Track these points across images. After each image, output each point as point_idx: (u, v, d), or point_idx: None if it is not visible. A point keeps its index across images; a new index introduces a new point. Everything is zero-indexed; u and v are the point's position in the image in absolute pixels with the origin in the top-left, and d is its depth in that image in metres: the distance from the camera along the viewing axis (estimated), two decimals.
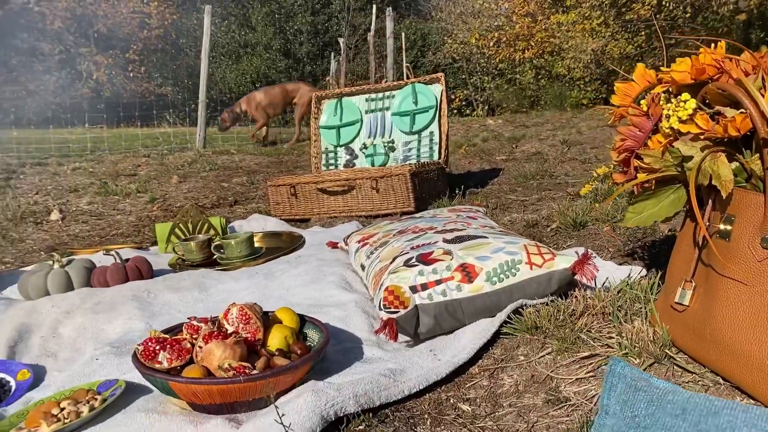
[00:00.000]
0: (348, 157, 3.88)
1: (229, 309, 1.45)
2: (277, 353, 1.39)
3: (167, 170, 5.80)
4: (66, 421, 1.28)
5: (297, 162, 6.30)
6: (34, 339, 1.87)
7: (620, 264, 1.96)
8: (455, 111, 17.23)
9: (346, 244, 2.37)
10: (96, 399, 1.36)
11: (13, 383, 1.57)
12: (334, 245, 2.51)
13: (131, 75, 18.93)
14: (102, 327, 1.88)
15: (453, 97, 17.46)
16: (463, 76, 17.61)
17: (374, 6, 9.70)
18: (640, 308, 1.47)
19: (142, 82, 18.72)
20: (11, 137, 10.02)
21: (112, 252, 2.40)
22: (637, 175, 1.36)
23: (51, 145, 8.39)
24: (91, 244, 3.19)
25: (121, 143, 8.56)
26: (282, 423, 1.06)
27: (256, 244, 2.71)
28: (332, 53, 12.60)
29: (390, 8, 8.60)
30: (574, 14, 13.64)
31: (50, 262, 2.32)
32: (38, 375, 1.63)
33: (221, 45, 18.45)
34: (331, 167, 3.91)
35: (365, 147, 3.85)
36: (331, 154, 3.92)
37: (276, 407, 1.11)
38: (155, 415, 1.28)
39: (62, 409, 1.32)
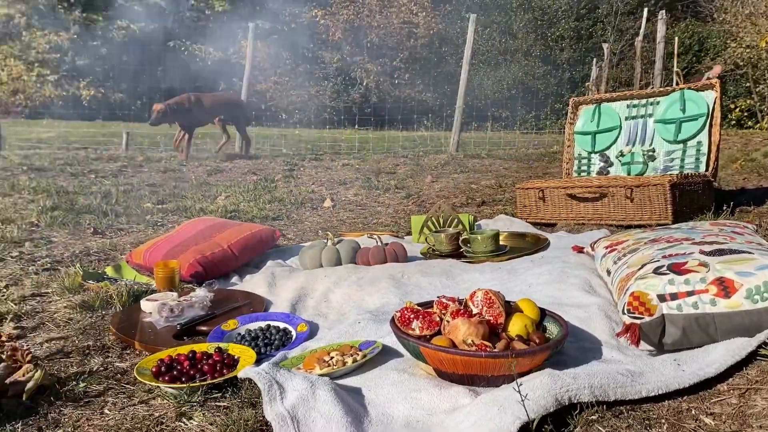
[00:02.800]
0: (602, 164, 3.78)
1: (474, 292, 1.58)
2: (516, 338, 1.47)
3: (422, 170, 6.21)
4: (334, 367, 1.52)
5: (547, 168, 6.27)
6: (309, 301, 2.21)
7: None
8: (733, 122, 15.43)
9: (593, 249, 2.35)
10: (358, 354, 1.58)
11: (293, 333, 1.89)
12: (579, 249, 2.50)
13: (396, 82, 20.40)
14: (363, 298, 2.15)
15: (732, 106, 15.65)
16: (747, 84, 15.67)
17: (645, 9, 9.15)
18: None
19: (405, 88, 20.06)
20: (295, 135, 11.53)
21: (375, 236, 2.70)
22: None
23: (326, 143, 9.47)
24: (356, 229, 3.58)
25: (383, 144, 9.33)
26: (519, 392, 1.14)
27: (501, 242, 2.81)
28: (594, 59, 12.18)
29: (663, 11, 8.05)
30: None
31: (324, 240, 2.70)
32: (313, 329, 1.93)
33: (481, 52, 18.94)
34: (583, 174, 3.85)
35: (622, 155, 3.72)
36: (584, 161, 3.86)
37: (516, 379, 1.19)
38: (405, 375, 1.46)
39: (332, 358, 1.56)
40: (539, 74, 18.74)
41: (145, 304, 2.13)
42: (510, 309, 1.59)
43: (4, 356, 1.67)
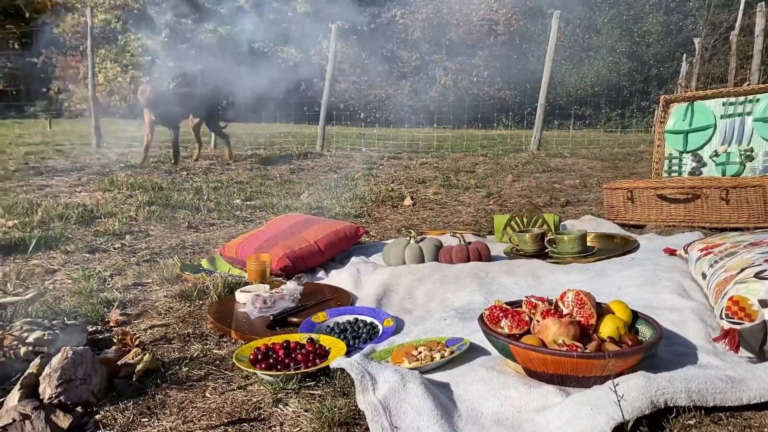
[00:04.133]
0: (694, 164, 3.63)
1: (565, 293, 1.57)
2: (608, 340, 1.46)
3: (502, 169, 6.15)
4: (423, 362, 1.55)
5: (633, 168, 6.07)
6: (394, 297, 2.25)
7: None
8: None
9: (686, 252, 2.28)
10: (445, 350, 1.60)
11: (380, 327, 1.94)
12: (671, 252, 2.43)
13: (474, 80, 20.24)
14: (447, 295, 2.17)
15: None
16: None
17: (742, 1, 8.68)
18: None
19: (484, 86, 19.88)
20: (374, 134, 11.66)
21: (458, 234, 2.72)
22: None
23: (403, 142, 9.52)
24: (436, 228, 3.61)
25: (462, 143, 9.29)
26: (616, 392, 1.14)
27: (588, 243, 2.76)
28: (684, 54, 11.67)
29: (763, 2, 7.61)
30: None
31: (407, 238, 2.73)
32: (399, 324, 1.97)
33: (563, 49, 18.50)
34: (673, 174, 3.71)
35: (716, 154, 3.56)
36: (675, 161, 3.72)
37: (612, 379, 1.19)
38: (494, 372, 1.47)
39: (419, 353, 1.59)
40: (624, 71, 18.13)
41: (240, 296, 2.23)
42: (601, 310, 1.57)
43: (115, 340, 1.80)
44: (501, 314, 1.53)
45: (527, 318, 1.53)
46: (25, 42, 19.45)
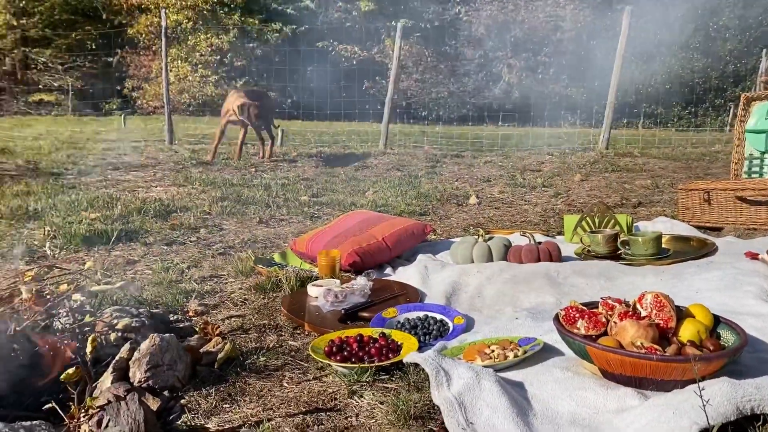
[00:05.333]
0: None
1: (643, 295, 1.54)
2: (688, 344, 1.42)
3: (569, 168, 6.04)
4: (496, 360, 1.56)
5: (708, 168, 5.85)
6: (463, 295, 2.26)
7: None
8: None
9: None
10: (518, 349, 1.60)
11: (450, 325, 1.95)
12: (753, 256, 2.34)
13: (540, 77, 19.89)
14: (517, 295, 2.16)
15: None
16: None
17: None
18: None
19: (549, 83, 19.50)
20: (436, 132, 11.64)
21: (528, 234, 2.70)
22: None
23: (467, 140, 9.46)
24: (503, 227, 3.58)
25: (527, 141, 9.16)
26: (701, 396, 1.11)
27: (663, 245, 2.69)
28: (763, 50, 11.15)
29: None
30: None
31: (475, 237, 2.73)
32: (469, 322, 1.98)
33: (633, 44, 17.95)
34: (754, 175, 3.56)
35: None
36: (756, 161, 3.57)
37: (698, 383, 1.16)
38: (569, 373, 1.46)
39: (492, 351, 1.60)
40: (698, 67, 17.43)
41: (312, 289, 2.29)
42: (681, 314, 1.54)
43: (197, 329, 1.88)
44: (577, 315, 1.52)
45: (604, 319, 1.51)
46: (101, 42, 20.35)
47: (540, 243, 2.59)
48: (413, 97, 19.78)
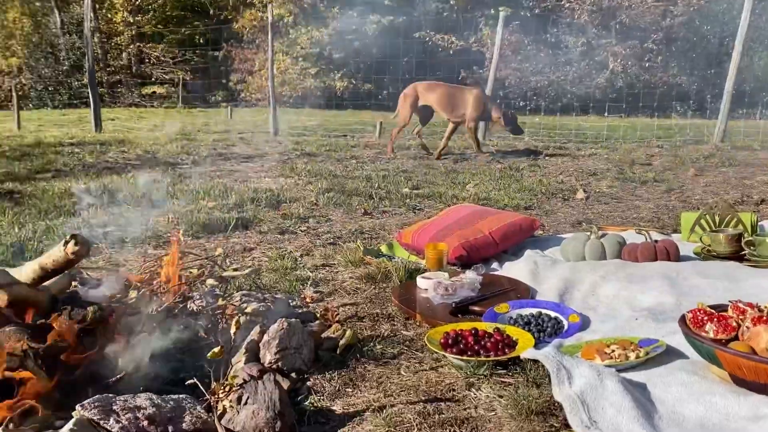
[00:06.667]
0: None
1: None
2: None
3: (682, 162, 5.76)
4: (616, 360, 1.54)
5: None
6: (576, 293, 2.23)
7: None
8: None
9: None
10: (639, 350, 1.58)
11: (565, 323, 1.93)
12: None
13: (647, 65, 18.96)
14: (635, 295, 2.11)
15: None
16: None
17: None
18: None
19: (658, 71, 18.55)
20: (535, 122, 11.39)
21: (644, 231, 2.61)
22: None
23: (569, 131, 9.19)
24: (613, 223, 3.48)
25: (634, 132, 8.79)
26: None
27: None
28: None
29: None
30: None
31: (587, 233, 2.68)
32: (584, 321, 1.96)
33: (753, 29, 16.73)
34: None
35: None
36: None
37: None
38: (695, 377, 1.42)
39: (612, 351, 1.58)
40: None
41: (421, 281, 2.34)
42: None
43: (318, 315, 1.98)
44: (705, 318, 1.47)
45: (735, 324, 1.46)
46: (209, 37, 21.35)
47: (657, 241, 2.51)
48: (510, 87, 19.41)
